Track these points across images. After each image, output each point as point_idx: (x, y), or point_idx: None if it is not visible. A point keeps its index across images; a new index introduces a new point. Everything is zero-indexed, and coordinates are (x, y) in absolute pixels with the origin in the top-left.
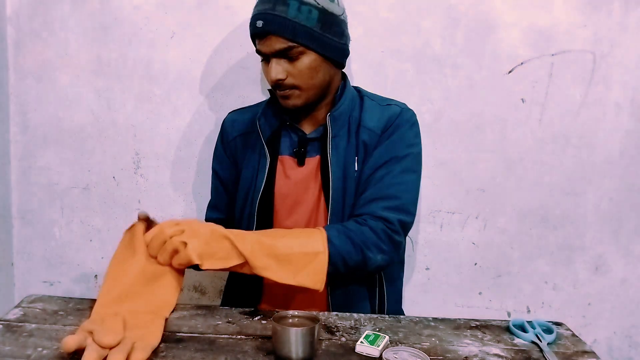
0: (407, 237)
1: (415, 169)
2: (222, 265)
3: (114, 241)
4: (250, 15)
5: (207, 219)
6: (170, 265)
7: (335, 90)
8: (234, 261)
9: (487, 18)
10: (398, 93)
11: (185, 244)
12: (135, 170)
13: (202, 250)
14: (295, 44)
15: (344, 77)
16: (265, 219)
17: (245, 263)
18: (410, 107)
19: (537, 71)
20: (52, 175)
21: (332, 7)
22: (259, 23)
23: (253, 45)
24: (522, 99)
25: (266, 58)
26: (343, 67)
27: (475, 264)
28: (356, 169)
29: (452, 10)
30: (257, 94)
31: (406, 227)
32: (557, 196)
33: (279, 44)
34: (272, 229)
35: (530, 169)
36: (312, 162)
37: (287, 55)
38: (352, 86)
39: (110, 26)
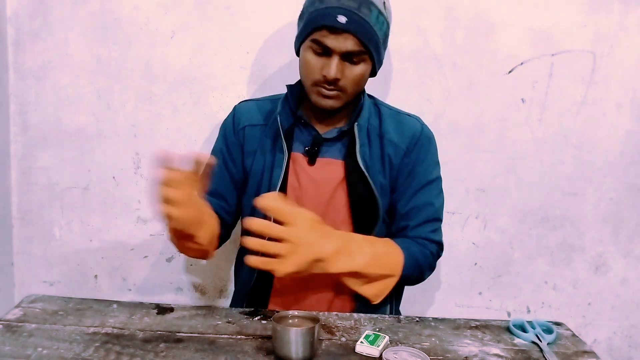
0: None
1: (442, 188)
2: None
3: (114, 241)
4: (248, 15)
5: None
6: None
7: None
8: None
9: (487, 18)
10: (398, 93)
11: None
12: (135, 170)
13: (292, 271)
14: (365, 50)
15: None
16: None
17: None
18: (410, 108)
19: (537, 71)
20: (52, 175)
21: (391, 24)
22: (342, 19)
23: (305, 32)
24: (522, 99)
25: (325, 52)
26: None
27: (475, 264)
28: (382, 180)
29: (452, 10)
30: (257, 94)
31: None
32: (557, 196)
33: (353, 45)
34: (367, 238)
35: (530, 169)
36: (326, 163)
37: (351, 58)
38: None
39: (110, 26)
